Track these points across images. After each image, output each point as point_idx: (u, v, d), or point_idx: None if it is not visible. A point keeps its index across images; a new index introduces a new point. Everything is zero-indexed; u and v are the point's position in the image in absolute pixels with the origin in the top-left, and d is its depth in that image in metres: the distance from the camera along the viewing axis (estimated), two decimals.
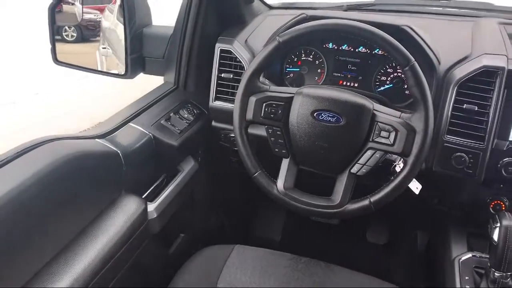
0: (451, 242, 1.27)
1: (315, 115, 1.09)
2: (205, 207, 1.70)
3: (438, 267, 1.29)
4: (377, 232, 1.97)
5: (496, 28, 1.38)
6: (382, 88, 1.41)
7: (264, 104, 1.12)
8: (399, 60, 1.05)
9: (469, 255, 1.20)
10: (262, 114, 1.13)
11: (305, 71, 1.47)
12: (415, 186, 1.21)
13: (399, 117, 1.06)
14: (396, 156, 1.14)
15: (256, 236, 2.03)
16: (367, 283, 1.17)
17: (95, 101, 4.75)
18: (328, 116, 1.08)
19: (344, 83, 1.45)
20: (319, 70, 1.47)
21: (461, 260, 1.18)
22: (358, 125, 1.07)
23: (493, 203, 1.25)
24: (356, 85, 1.44)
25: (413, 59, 1.04)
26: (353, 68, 1.43)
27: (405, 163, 1.05)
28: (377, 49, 1.38)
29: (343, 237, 1.98)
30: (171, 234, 1.47)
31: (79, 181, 1.01)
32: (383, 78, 1.40)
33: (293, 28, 1.11)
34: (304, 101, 1.10)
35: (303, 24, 1.10)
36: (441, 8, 1.73)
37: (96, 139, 1.16)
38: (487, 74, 1.17)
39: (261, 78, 1.18)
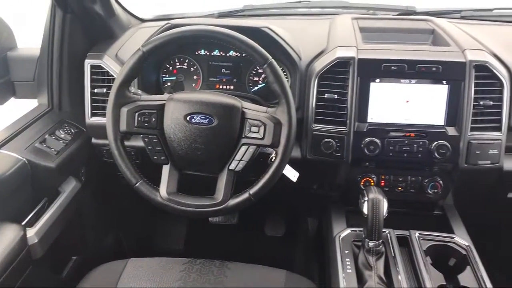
0: (332, 222, 1.37)
1: (188, 118, 1.12)
2: (99, 226, 1.67)
3: (325, 247, 1.39)
4: (275, 226, 2.05)
5: (349, 23, 1.52)
6: (256, 88, 1.49)
7: (136, 114, 1.14)
8: (257, 59, 1.12)
9: (348, 231, 1.30)
10: (136, 124, 1.14)
11: (181, 79, 1.51)
12: (293, 175, 1.29)
13: (266, 112, 1.13)
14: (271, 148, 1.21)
15: (158, 247, 2.02)
16: (259, 272, 1.23)
17: None
18: (201, 118, 1.12)
19: (220, 86, 1.51)
20: (195, 77, 1.51)
21: (341, 237, 1.28)
22: (229, 124, 1.12)
23: (363, 180, 1.37)
24: (232, 87, 1.50)
25: (270, 57, 1.11)
26: (227, 71, 1.50)
27: (276, 153, 1.12)
28: None
29: (244, 235, 2.03)
30: (61, 258, 1.42)
31: None
32: (255, 78, 1.48)
33: (156, 36, 1.14)
34: (176, 106, 1.13)
35: (166, 32, 1.14)
36: (305, 9, 1.87)
37: None
38: (341, 65, 1.29)
39: (133, 89, 1.19)
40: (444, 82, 1.26)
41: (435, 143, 1.27)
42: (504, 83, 1.25)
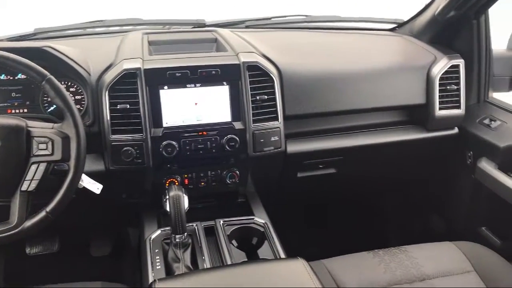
0: (144, 226, 1.42)
1: None
2: None
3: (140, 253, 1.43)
4: (100, 245, 2.03)
5: (139, 38, 1.60)
6: (52, 108, 1.47)
7: None
8: (34, 77, 1.12)
9: (158, 231, 1.37)
10: None
11: None
12: (96, 187, 1.31)
13: (52, 128, 1.14)
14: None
15: None
16: None
17: None
18: None
19: (13, 111, 1.45)
20: None
21: (151, 238, 1.34)
22: (14, 145, 1.10)
23: (168, 182, 1.45)
24: (25, 110, 1.46)
25: (47, 73, 1.13)
26: (17, 95, 1.45)
27: (69, 167, 1.14)
28: None
29: (68, 261, 1.97)
30: None
31: None
32: (49, 99, 1.47)
33: None
34: None
35: None
36: (103, 28, 1.90)
37: None
38: (129, 76, 1.35)
39: None
40: (225, 83, 1.41)
41: (225, 137, 1.40)
42: (274, 79, 1.45)
